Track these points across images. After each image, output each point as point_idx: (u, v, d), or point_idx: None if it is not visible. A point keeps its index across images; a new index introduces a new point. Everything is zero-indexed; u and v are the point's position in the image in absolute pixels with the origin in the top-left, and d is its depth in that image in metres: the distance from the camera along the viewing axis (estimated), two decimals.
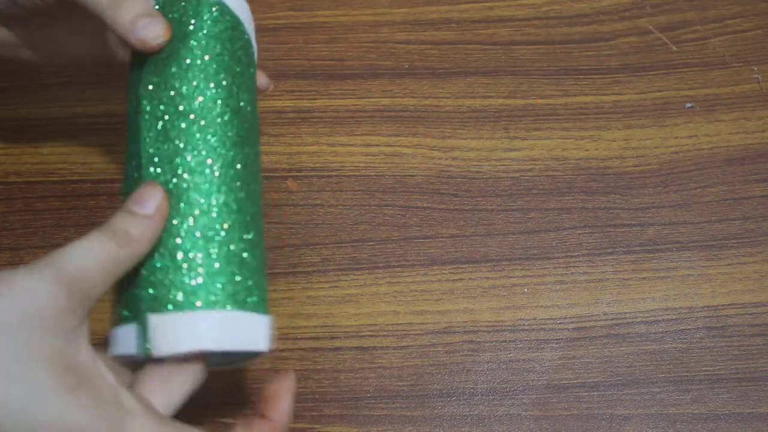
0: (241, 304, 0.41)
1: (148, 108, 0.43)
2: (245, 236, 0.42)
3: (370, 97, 0.62)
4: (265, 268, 0.44)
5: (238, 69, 0.45)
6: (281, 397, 0.41)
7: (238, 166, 0.43)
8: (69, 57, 0.52)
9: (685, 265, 0.56)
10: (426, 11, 0.65)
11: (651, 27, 0.65)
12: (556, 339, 0.54)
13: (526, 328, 0.54)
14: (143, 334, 0.40)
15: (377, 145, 0.60)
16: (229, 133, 0.43)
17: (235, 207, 0.42)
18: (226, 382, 0.52)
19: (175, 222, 0.41)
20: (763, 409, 0.52)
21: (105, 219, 0.57)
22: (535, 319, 0.54)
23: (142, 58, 0.45)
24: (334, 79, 0.62)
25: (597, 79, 0.63)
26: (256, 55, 0.49)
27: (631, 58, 0.63)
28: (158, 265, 0.41)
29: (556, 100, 0.62)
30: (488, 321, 0.54)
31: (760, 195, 0.58)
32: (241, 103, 0.45)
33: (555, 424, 0.51)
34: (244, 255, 0.42)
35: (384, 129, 0.60)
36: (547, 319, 0.54)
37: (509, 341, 0.54)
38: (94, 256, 0.38)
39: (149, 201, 0.41)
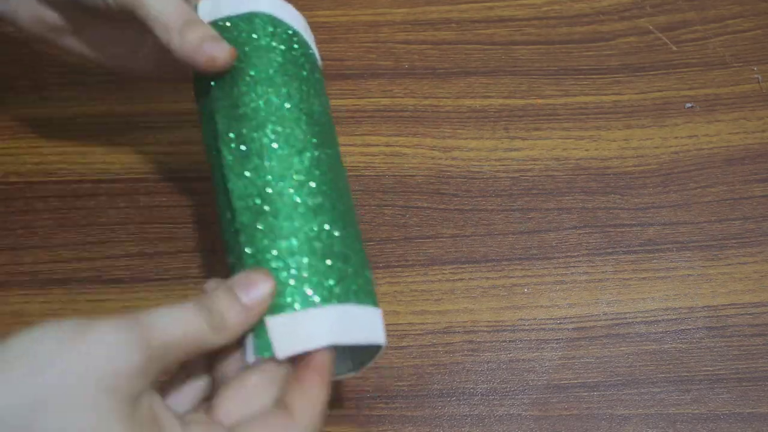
0: (353, 299, 0.41)
1: (224, 129, 0.44)
2: (344, 233, 0.43)
3: (369, 97, 0.62)
4: (369, 264, 0.44)
5: (304, 74, 0.46)
6: (306, 386, 0.39)
7: (322, 167, 0.44)
8: (113, 58, 0.51)
9: (685, 265, 0.56)
10: (426, 11, 0.65)
11: (651, 27, 0.65)
12: (556, 339, 0.54)
13: (526, 328, 0.54)
14: (262, 339, 0.40)
15: (377, 145, 0.60)
16: (308, 137, 0.44)
17: (328, 206, 0.43)
18: None
19: (274, 228, 0.41)
20: (763, 409, 0.52)
21: (106, 219, 0.57)
22: (535, 319, 0.54)
23: (207, 86, 0.46)
24: (334, 79, 0.62)
25: (597, 79, 0.63)
26: (319, 62, 0.49)
27: (631, 58, 0.63)
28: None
29: (556, 100, 0.62)
30: (488, 321, 0.54)
31: (760, 195, 0.58)
32: (314, 107, 0.45)
33: (555, 424, 0.51)
34: (347, 251, 0.42)
35: (384, 129, 0.60)
36: (547, 319, 0.54)
37: (509, 341, 0.54)
38: (182, 329, 0.37)
39: (254, 290, 0.40)
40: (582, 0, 0.66)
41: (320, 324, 0.40)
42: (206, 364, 0.41)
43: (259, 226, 0.41)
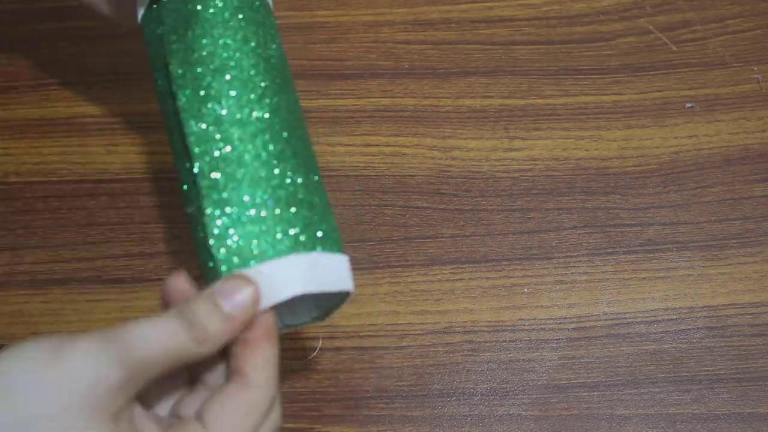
0: (321, 246, 0.40)
1: (179, 74, 0.43)
2: (307, 180, 0.42)
3: (369, 97, 0.62)
4: (332, 210, 0.43)
5: (259, 19, 0.45)
6: (257, 347, 0.38)
7: (282, 113, 0.42)
8: None
9: (685, 265, 0.56)
10: (426, 11, 0.65)
11: (651, 27, 0.65)
12: (556, 339, 0.54)
13: (526, 328, 0.54)
14: None
15: (377, 145, 0.60)
16: (266, 82, 0.43)
17: (289, 152, 0.41)
18: None
19: (235, 177, 0.40)
20: (763, 409, 0.52)
21: (106, 219, 0.57)
22: (535, 319, 0.54)
23: (159, 30, 0.45)
24: (334, 79, 0.62)
25: (597, 79, 0.63)
26: (271, 6, 0.47)
27: (631, 58, 0.63)
28: (227, 222, 0.40)
29: (556, 100, 0.62)
30: (488, 321, 0.54)
31: (760, 195, 0.58)
32: (270, 52, 0.44)
33: (555, 424, 0.51)
34: (312, 198, 0.41)
35: (384, 129, 0.60)
36: (547, 319, 0.54)
37: (509, 341, 0.54)
38: (164, 344, 0.36)
39: (238, 297, 0.38)
40: (582, 0, 0.66)
41: (291, 273, 0.39)
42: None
43: (219, 175, 0.40)
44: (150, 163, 0.59)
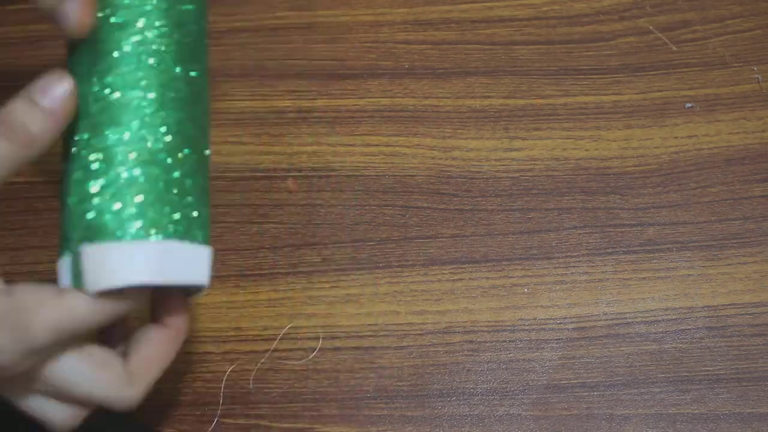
0: (181, 234, 0.38)
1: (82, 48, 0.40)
2: (185, 162, 0.39)
3: (370, 97, 0.62)
4: (208, 199, 0.40)
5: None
6: (176, 304, 0.42)
7: (178, 87, 0.39)
8: None
9: (685, 265, 0.56)
10: (426, 11, 0.65)
11: (651, 27, 0.65)
12: (556, 339, 0.54)
13: (526, 328, 0.54)
14: (77, 266, 0.38)
15: (377, 145, 0.60)
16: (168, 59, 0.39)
17: (174, 129, 0.39)
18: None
19: (107, 143, 0.38)
20: (763, 409, 0.52)
21: None
22: (535, 319, 0.54)
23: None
24: (334, 79, 0.62)
25: (597, 79, 0.63)
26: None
27: (631, 58, 0.63)
28: (90, 190, 0.38)
29: (556, 100, 0.62)
30: (488, 321, 0.54)
31: (760, 195, 0.58)
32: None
33: (555, 424, 0.51)
34: (186, 181, 0.39)
35: (384, 129, 0.60)
36: (547, 319, 0.54)
37: (509, 341, 0.54)
38: None
39: (54, 90, 0.37)
40: (582, 0, 0.66)
41: (141, 259, 0.37)
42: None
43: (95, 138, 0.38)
44: None
